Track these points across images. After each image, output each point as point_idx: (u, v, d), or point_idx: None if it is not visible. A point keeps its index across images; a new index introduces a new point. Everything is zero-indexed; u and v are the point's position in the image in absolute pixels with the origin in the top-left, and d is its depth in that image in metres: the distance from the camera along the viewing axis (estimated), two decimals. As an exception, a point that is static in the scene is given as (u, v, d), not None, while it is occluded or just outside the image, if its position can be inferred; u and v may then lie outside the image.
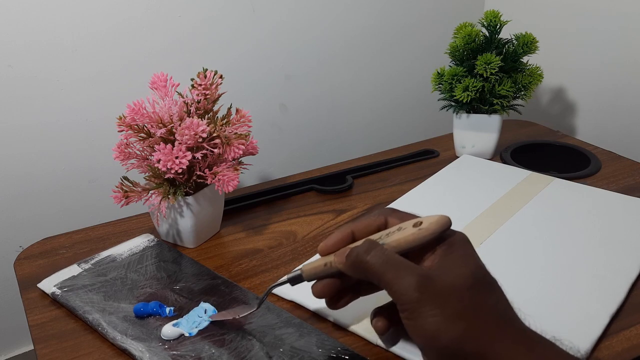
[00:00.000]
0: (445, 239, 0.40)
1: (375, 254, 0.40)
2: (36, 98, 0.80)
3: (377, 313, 0.43)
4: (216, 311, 0.53)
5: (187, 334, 0.50)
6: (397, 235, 0.41)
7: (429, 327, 0.36)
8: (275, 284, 0.48)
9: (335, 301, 0.46)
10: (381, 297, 0.46)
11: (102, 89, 0.84)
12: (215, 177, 0.61)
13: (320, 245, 0.45)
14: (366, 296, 0.53)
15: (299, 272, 0.46)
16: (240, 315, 0.50)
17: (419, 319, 0.37)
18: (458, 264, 0.39)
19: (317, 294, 0.45)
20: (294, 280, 0.47)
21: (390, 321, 0.42)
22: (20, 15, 0.75)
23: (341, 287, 0.45)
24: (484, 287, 0.39)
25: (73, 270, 0.60)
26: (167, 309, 0.53)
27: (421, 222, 0.41)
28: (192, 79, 0.62)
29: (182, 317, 0.52)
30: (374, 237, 0.43)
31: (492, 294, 0.39)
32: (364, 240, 0.43)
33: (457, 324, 0.36)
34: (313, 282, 0.46)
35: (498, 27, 0.81)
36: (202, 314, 0.52)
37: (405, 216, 0.43)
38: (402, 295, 0.38)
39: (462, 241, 0.41)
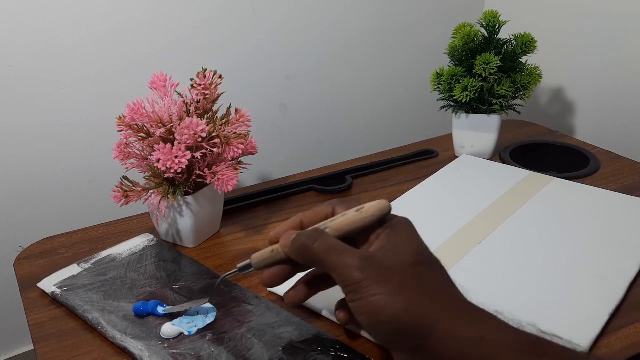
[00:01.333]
0: (389, 224, 0.42)
1: (320, 241, 0.41)
2: (36, 98, 0.80)
3: (340, 305, 0.45)
4: (215, 310, 0.53)
5: (186, 333, 0.50)
6: (339, 219, 0.43)
7: (371, 305, 0.37)
8: (228, 273, 0.49)
9: (292, 294, 0.47)
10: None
11: (102, 89, 0.84)
12: (215, 176, 0.61)
13: (270, 233, 0.47)
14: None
15: (248, 260, 0.47)
16: (192, 308, 0.52)
17: (362, 299, 0.38)
18: (400, 245, 0.40)
19: (266, 281, 0.46)
20: (244, 269, 0.47)
21: (351, 312, 0.43)
22: (20, 15, 0.75)
23: (291, 274, 0.46)
24: (425, 264, 0.40)
25: (73, 269, 0.60)
26: (161, 309, 0.53)
27: (363, 207, 0.43)
28: (191, 79, 0.62)
29: (181, 316, 0.52)
30: (320, 224, 0.45)
31: (433, 271, 0.40)
32: (310, 228, 0.44)
33: (398, 299, 0.37)
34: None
35: (497, 27, 0.81)
36: (204, 313, 0.52)
37: (351, 205, 0.45)
38: (345, 277, 0.39)
39: (405, 224, 0.42)
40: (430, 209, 0.70)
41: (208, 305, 0.53)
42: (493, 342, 0.36)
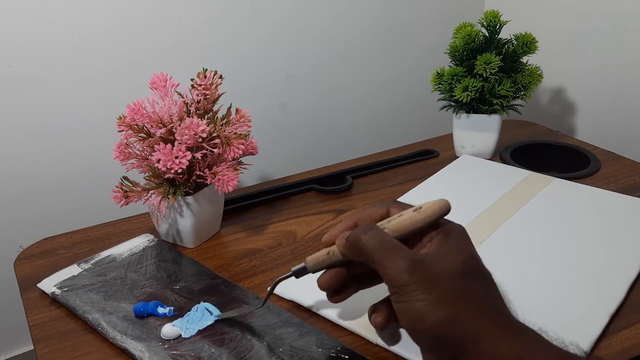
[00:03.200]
0: (444, 229, 0.41)
1: (371, 235, 0.41)
2: (36, 98, 0.80)
3: (376, 309, 0.44)
4: (219, 311, 0.53)
5: (185, 335, 0.50)
6: (397, 220, 0.42)
7: (416, 310, 0.37)
8: (281, 277, 0.48)
9: (337, 295, 0.46)
10: (380, 295, 0.46)
11: (102, 89, 0.84)
12: (215, 177, 0.61)
13: (324, 236, 0.46)
14: (365, 296, 0.53)
15: (303, 264, 0.46)
16: (246, 313, 0.51)
17: (407, 302, 0.37)
18: (452, 252, 0.40)
19: (322, 285, 0.45)
20: (299, 273, 0.47)
21: (389, 316, 0.43)
22: (20, 15, 0.75)
23: (346, 278, 0.45)
24: (475, 276, 0.39)
25: (73, 270, 0.60)
26: (163, 310, 0.52)
27: (421, 207, 0.42)
28: (192, 79, 0.62)
29: (182, 316, 0.52)
30: (378, 224, 0.44)
31: (482, 284, 0.39)
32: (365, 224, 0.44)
33: (443, 308, 0.37)
34: (316, 278, 0.46)
35: (498, 27, 0.81)
36: (206, 315, 0.52)
37: (406, 206, 0.44)
38: (393, 277, 0.38)
39: (459, 232, 0.42)
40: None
41: (209, 305, 0.53)
42: None
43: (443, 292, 0.37)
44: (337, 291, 0.46)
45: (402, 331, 0.49)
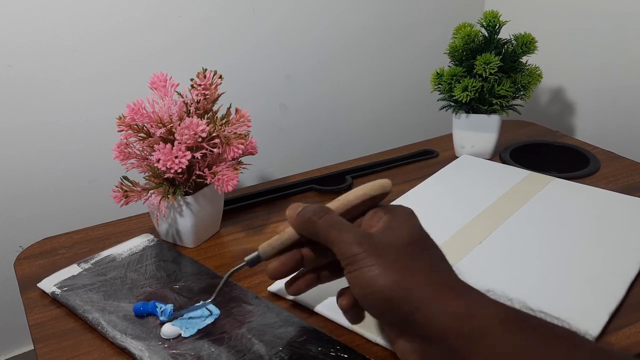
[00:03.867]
0: (392, 210, 0.45)
1: (324, 217, 0.44)
2: (36, 98, 0.80)
3: (342, 292, 0.46)
4: (219, 310, 0.53)
5: (185, 335, 0.50)
6: (344, 196, 0.47)
7: (364, 276, 0.40)
8: (235, 268, 0.49)
9: (293, 284, 0.48)
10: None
11: (102, 89, 0.84)
12: (215, 176, 0.61)
13: (279, 227, 0.48)
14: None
15: (256, 252, 0.48)
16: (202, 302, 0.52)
17: (357, 270, 0.40)
18: (399, 228, 0.43)
19: (273, 271, 0.47)
20: (253, 262, 0.48)
21: (354, 299, 0.44)
22: (20, 15, 0.75)
23: (296, 267, 0.47)
24: (421, 244, 0.43)
25: (73, 270, 0.60)
26: (161, 309, 0.52)
27: (366, 185, 0.46)
28: (191, 79, 0.62)
29: (182, 316, 0.52)
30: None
31: (428, 251, 0.42)
32: (317, 204, 0.47)
33: (391, 272, 0.39)
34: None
35: (497, 27, 0.81)
36: (206, 314, 0.52)
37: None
38: (344, 251, 0.41)
39: (406, 212, 0.45)
40: (430, 209, 0.70)
41: (210, 305, 0.53)
42: (481, 317, 0.37)
43: (390, 260, 0.40)
44: (292, 280, 0.48)
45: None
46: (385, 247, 0.41)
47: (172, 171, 0.58)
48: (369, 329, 0.50)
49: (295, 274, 0.49)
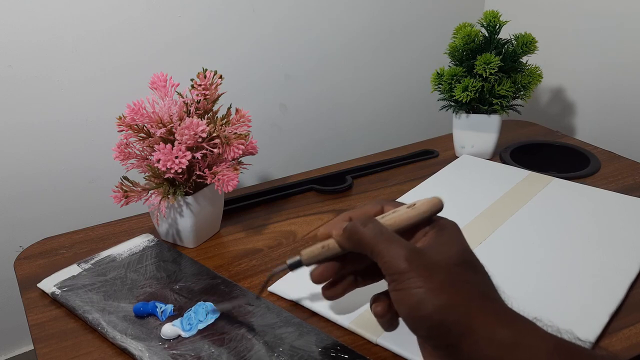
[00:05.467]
0: (437, 224, 0.43)
1: (370, 226, 0.42)
2: (36, 98, 0.80)
3: (377, 298, 0.45)
4: (217, 311, 0.53)
5: (185, 335, 0.50)
6: (392, 215, 0.43)
7: (413, 297, 0.38)
8: (276, 270, 0.48)
9: (331, 289, 0.47)
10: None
11: (102, 89, 0.84)
12: (215, 177, 0.61)
13: (320, 230, 0.46)
14: (365, 296, 0.53)
15: (297, 257, 0.46)
16: (240, 305, 0.51)
17: (405, 289, 0.38)
18: (447, 245, 0.41)
19: (316, 278, 0.46)
20: (294, 266, 0.46)
21: (389, 307, 0.43)
22: (21, 16, 0.75)
23: (339, 272, 0.46)
24: (470, 266, 0.41)
25: (73, 270, 0.60)
26: (161, 309, 0.52)
27: (415, 204, 0.43)
28: (191, 79, 0.62)
29: (181, 316, 0.52)
30: None
31: (477, 274, 0.41)
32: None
33: (440, 296, 0.37)
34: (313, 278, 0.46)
35: (497, 27, 0.81)
36: (203, 316, 0.52)
37: (399, 204, 0.45)
38: (392, 266, 0.39)
39: (452, 226, 0.43)
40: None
41: (208, 304, 0.53)
42: (528, 347, 0.36)
43: (440, 280, 0.38)
44: (331, 285, 0.47)
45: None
46: (434, 267, 0.39)
47: (172, 171, 0.58)
48: (369, 329, 0.50)
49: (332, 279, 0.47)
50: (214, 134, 0.61)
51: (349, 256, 0.45)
